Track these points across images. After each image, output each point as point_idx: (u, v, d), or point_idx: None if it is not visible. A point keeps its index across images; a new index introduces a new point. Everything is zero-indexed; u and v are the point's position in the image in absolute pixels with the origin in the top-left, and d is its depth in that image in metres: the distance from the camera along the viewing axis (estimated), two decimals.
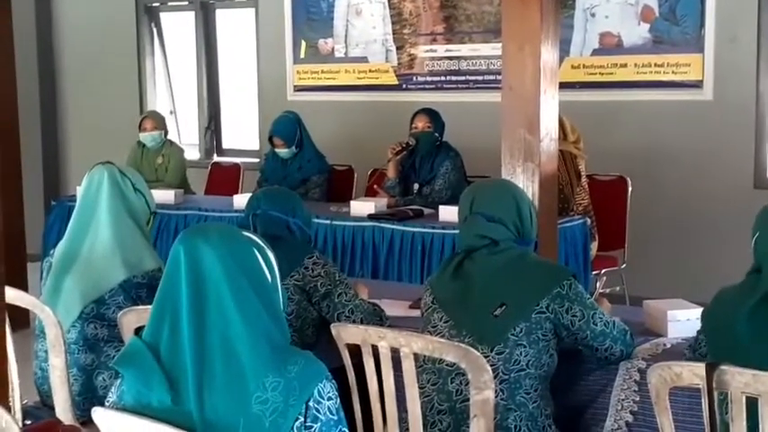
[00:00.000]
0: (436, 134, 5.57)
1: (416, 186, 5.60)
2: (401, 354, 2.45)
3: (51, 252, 3.27)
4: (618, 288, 5.49)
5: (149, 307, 1.97)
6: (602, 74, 6.14)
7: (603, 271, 5.31)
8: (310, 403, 1.85)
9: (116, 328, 2.96)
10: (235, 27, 8.00)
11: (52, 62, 8.49)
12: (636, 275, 5.60)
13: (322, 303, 3.05)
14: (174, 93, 8.35)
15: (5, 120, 5.77)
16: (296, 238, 3.15)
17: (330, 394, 1.88)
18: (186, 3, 8.10)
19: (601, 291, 5.17)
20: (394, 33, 6.89)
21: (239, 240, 1.97)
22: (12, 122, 5.72)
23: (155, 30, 8.25)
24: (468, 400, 2.47)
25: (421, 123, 5.60)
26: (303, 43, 7.29)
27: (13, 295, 2.81)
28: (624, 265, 5.51)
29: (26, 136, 6.35)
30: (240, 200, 5.51)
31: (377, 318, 3.10)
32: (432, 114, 5.62)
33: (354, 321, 2.99)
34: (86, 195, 3.21)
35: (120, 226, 3.15)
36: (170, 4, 8.25)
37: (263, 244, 1.99)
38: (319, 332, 3.07)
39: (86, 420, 2.72)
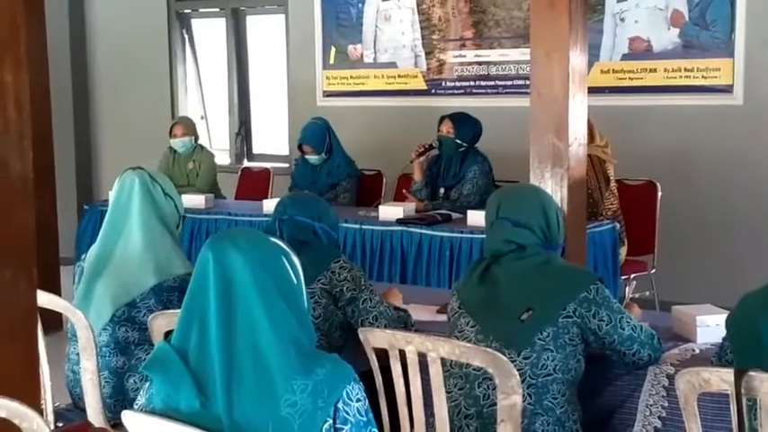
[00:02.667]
0: (458, 140, 5.56)
1: (442, 190, 5.61)
2: (428, 358, 2.46)
3: (83, 256, 3.30)
4: (647, 293, 5.47)
5: (179, 311, 1.99)
6: (632, 79, 6.12)
7: (633, 276, 5.29)
8: (339, 405, 1.87)
9: (147, 331, 2.98)
10: (265, 33, 8.05)
11: (85, 68, 8.58)
12: (666, 280, 5.57)
13: (347, 308, 3.06)
14: (204, 98, 8.41)
15: (39, 124, 5.77)
16: (323, 243, 3.17)
17: (359, 396, 1.90)
18: (217, 9, 8.16)
19: (631, 296, 5.17)
20: (423, 39, 6.91)
21: (266, 245, 1.99)
22: (45, 127, 5.78)
23: (186, 36, 8.31)
24: (495, 404, 2.47)
25: (445, 128, 5.62)
26: (333, 49, 7.32)
27: (45, 299, 2.84)
28: (654, 270, 5.48)
29: (59, 141, 6.42)
30: (270, 204, 5.53)
31: (401, 325, 3.10)
32: (456, 120, 5.60)
33: (378, 327, 2.99)
34: (118, 201, 3.24)
35: (152, 231, 3.18)
36: (201, 10, 8.31)
37: (288, 249, 2.01)
38: (347, 336, 3.08)
39: (117, 422, 2.75)
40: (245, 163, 7.89)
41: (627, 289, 5.23)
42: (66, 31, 8.32)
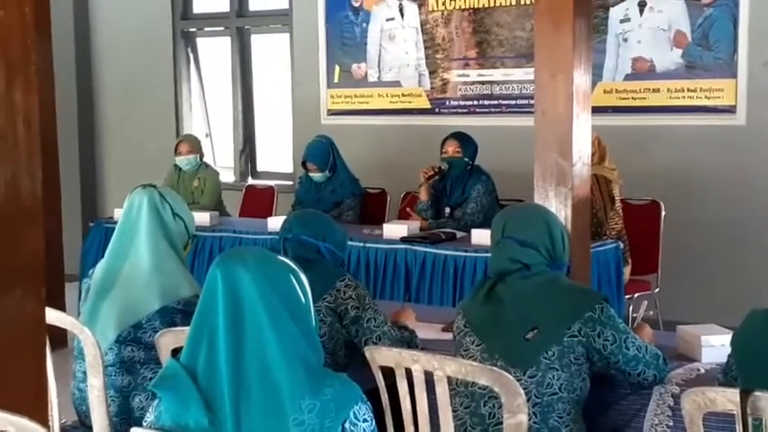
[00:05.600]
0: (466, 159, 5.58)
1: (447, 209, 5.62)
2: (434, 377, 2.47)
3: (90, 272, 3.29)
4: (651, 312, 5.46)
5: (186, 329, 2.00)
6: (635, 98, 6.14)
7: (636, 295, 5.29)
8: (346, 425, 1.87)
9: (152, 350, 2.98)
10: (270, 52, 8.08)
11: (91, 86, 8.61)
12: (669, 300, 5.57)
13: (351, 327, 3.06)
14: (209, 116, 8.44)
15: (44, 142, 5.80)
16: (327, 261, 3.18)
17: (366, 416, 1.90)
18: (222, 28, 8.20)
19: (638, 315, 5.17)
20: (427, 58, 6.93)
21: (275, 264, 2.00)
22: (51, 144, 5.80)
23: (191, 54, 8.35)
24: (501, 423, 2.48)
25: (451, 149, 5.62)
26: (337, 68, 7.35)
27: (53, 316, 2.85)
28: (657, 290, 5.49)
29: (65, 158, 6.45)
30: (274, 222, 5.56)
31: (404, 346, 3.09)
32: (461, 139, 5.62)
33: None
34: (126, 219, 3.24)
35: (159, 251, 3.16)
36: (206, 29, 8.35)
37: (296, 267, 2.02)
38: (352, 354, 3.09)
39: None
40: (250, 180, 7.92)
41: (630, 308, 5.23)
42: (72, 49, 8.36)
